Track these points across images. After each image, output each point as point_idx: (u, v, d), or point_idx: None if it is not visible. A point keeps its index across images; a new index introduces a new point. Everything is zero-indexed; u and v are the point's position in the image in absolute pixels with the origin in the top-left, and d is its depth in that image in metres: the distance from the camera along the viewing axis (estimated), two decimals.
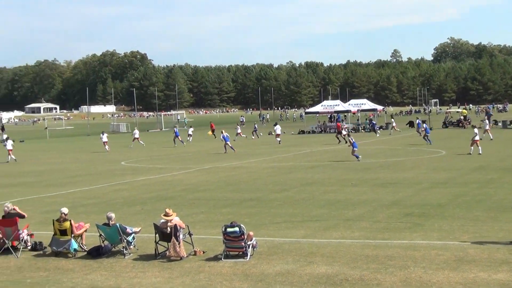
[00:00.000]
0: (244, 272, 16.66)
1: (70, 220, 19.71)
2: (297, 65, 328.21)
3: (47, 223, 23.07)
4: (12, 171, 48.00)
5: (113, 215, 19.65)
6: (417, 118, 79.80)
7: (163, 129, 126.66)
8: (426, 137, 57.97)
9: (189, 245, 18.89)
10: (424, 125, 63.40)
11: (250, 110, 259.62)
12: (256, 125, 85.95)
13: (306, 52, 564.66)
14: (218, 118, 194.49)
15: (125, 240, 19.05)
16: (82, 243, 19.88)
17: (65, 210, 19.90)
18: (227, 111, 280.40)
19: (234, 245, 18.01)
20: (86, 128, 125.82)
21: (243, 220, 22.13)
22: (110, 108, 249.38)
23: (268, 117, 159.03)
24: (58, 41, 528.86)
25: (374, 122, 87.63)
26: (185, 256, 18.32)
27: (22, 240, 20.13)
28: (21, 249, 19.96)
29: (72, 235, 19.52)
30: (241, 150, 59.62)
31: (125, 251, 18.97)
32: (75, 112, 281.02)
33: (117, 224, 19.19)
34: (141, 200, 30.50)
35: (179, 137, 71.49)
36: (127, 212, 27.00)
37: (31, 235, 20.67)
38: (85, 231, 20.12)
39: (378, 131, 79.80)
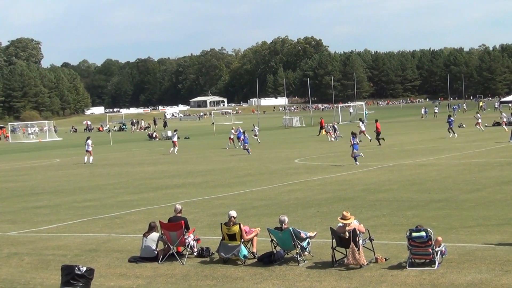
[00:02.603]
0: (431, 282, 16.46)
1: (239, 224, 20.10)
2: (491, 49, 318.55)
3: (214, 227, 23.71)
4: (179, 171, 49.59)
5: (286, 218, 19.86)
6: None
7: (340, 123, 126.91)
8: None
9: (369, 252, 18.85)
10: None
11: (439, 100, 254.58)
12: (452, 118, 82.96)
13: (502, 34, 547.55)
14: (401, 109, 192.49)
15: (299, 246, 19.21)
16: (252, 249, 20.26)
17: (233, 213, 20.25)
18: (412, 101, 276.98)
19: (420, 251, 17.81)
20: (256, 122, 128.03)
21: (430, 224, 21.81)
22: (282, 101, 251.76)
23: (465, 106, 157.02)
24: (225, 28, 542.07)
25: (452, 118, 71.76)
26: (365, 263, 18.30)
27: (188, 245, 20.64)
28: (186, 255, 20.50)
29: (242, 240, 19.87)
30: (429, 145, 58.81)
31: (299, 258, 19.14)
32: (244, 105, 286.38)
33: (290, 228, 19.38)
34: (316, 201, 30.71)
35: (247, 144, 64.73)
36: (301, 214, 27.28)
37: (197, 240, 21.15)
38: (256, 235, 20.47)
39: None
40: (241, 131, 70.19)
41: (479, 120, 75.90)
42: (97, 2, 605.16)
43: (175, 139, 69.42)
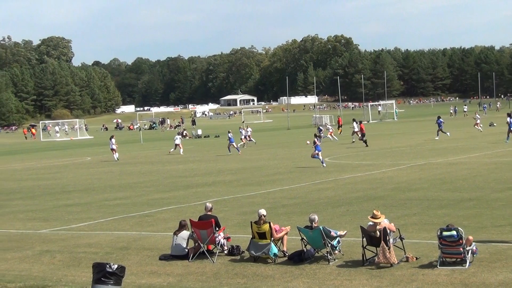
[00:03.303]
0: (462, 282, 16.38)
1: (269, 222, 20.13)
2: None
3: (244, 226, 23.76)
4: (209, 169, 49.70)
5: (316, 216, 19.88)
6: None
7: (370, 121, 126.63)
8: None
9: (400, 250, 18.81)
10: None
11: (469, 99, 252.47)
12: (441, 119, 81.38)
13: None
14: (432, 108, 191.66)
15: (329, 245, 19.22)
16: (282, 248, 20.28)
17: (264, 211, 20.31)
18: (442, 100, 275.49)
19: (451, 250, 17.74)
20: (286, 121, 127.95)
21: (461, 223, 21.75)
22: (312, 99, 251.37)
23: (498, 105, 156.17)
24: (255, 27, 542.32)
25: (441, 119, 69.87)
26: (396, 262, 18.26)
27: (218, 243, 20.72)
28: (217, 254, 20.57)
29: (272, 238, 19.91)
30: (459, 144, 58.56)
31: (329, 257, 19.15)
32: (274, 103, 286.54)
33: (321, 227, 19.40)
34: (346, 200, 30.69)
35: (233, 143, 65.80)
36: (331, 213, 27.27)
37: (227, 239, 21.23)
38: (286, 234, 20.49)
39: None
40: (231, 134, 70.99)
41: (478, 121, 76.58)
42: (128, 1, 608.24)
43: (178, 142, 68.80)
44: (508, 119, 58.61)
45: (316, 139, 48.03)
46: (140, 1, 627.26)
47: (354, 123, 70.93)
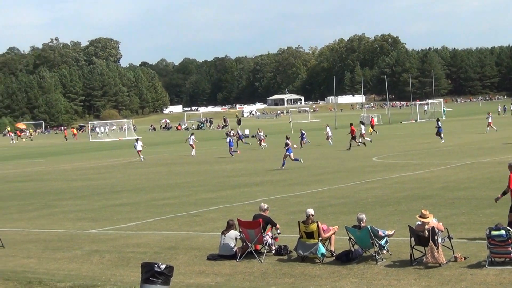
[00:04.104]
0: (511, 281, 16.24)
1: (317, 222, 20.13)
2: None
3: (292, 225, 23.76)
4: (257, 169, 49.73)
5: (364, 216, 19.84)
6: None
7: (418, 120, 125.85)
8: None
9: (448, 250, 18.69)
10: None
11: None
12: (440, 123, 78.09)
13: None
14: (480, 106, 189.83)
15: (377, 244, 19.17)
16: (330, 247, 20.26)
17: (311, 211, 20.31)
18: (490, 99, 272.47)
19: (500, 250, 17.58)
20: (333, 120, 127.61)
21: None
22: (359, 98, 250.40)
23: None
24: (302, 26, 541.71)
25: (440, 123, 68.21)
26: (445, 262, 18.14)
27: (266, 243, 20.77)
28: (264, 253, 20.62)
29: (320, 238, 19.91)
30: (508, 143, 58.00)
31: (377, 256, 19.10)
32: (321, 103, 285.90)
33: (368, 227, 19.35)
34: (394, 199, 30.56)
35: (232, 147, 65.83)
36: (379, 213, 27.19)
37: (275, 238, 21.27)
38: (334, 234, 20.47)
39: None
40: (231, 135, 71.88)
41: (490, 120, 75.74)
42: (174, 1, 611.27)
43: (191, 142, 69.48)
44: None
45: (288, 141, 49.52)
46: (188, 2, 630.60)
47: (362, 125, 70.11)
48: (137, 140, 67.57)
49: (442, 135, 65.60)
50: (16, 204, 38.23)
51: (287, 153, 48.30)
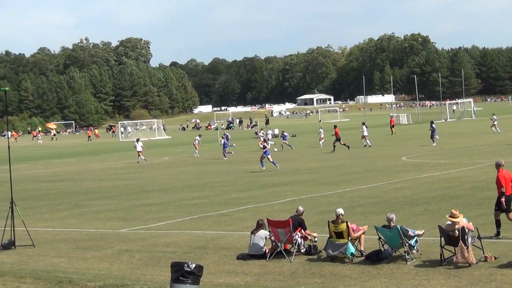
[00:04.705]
0: None
1: (346, 222, 20.10)
2: None
3: (321, 225, 23.72)
4: (286, 169, 49.73)
5: (393, 216, 19.80)
6: None
7: (448, 120, 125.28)
8: None
9: (478, 250, 18.60)
10: None
11: None
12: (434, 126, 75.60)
13: None
14: (510, 106, 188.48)
15: (407, 244, 19.11)
16: (360, 247, 20.20)
17: (341, 210, 20.32)
18: None
19: None
20: (363, 120, 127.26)
21: None
22: (389, 98, 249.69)
23: None
24: (331, 26, 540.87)
25: (434, 126, 65.48)
26: (475, 262, 18.06)
27: (296, 243, 20.80)
28: (294, 253, 20.66)
29: (349, 238, 19.88)
30: None
31: (407, 256, 19.04)
32: (351, 103, 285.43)
33: (398, 226, 19.30)
34: (424, 199, 30.45)
35: (226, 149, 66.25)
36: (409, 212, 27.09)
37: (305, 238, 21.28)
38: (363, 233, 20.42)
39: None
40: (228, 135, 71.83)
41: (495, 122, 75.64)
42: (204, 1, 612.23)
43: (196, 143, 70.19)
44: None
45: (266, 144, 50.18)
46: (217, 1, 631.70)
47: (364, 126, 68.85)
48: (137, 140, 67.35)
49: (434, 138, 63.92)
50: (47, 203, 38.50)
51: (265, 155, 48.54)
